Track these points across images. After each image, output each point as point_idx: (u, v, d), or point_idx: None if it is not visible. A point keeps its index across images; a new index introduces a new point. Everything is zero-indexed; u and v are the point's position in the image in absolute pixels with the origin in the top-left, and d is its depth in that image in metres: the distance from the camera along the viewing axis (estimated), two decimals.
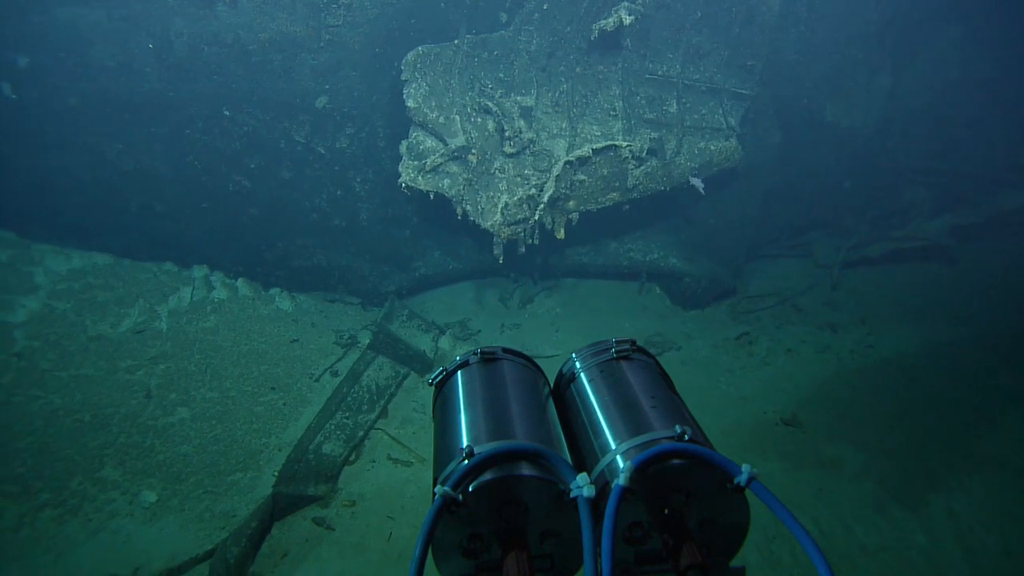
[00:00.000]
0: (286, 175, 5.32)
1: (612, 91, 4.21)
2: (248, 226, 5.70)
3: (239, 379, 5.09)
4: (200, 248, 5.89)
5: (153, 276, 5.62)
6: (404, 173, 3.97)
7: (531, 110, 4.10)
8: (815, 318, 6.31)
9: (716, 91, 4.43)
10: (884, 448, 4.69)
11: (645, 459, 1.11)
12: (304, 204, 5.53)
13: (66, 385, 4.65)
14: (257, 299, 5.81)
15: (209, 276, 5.89)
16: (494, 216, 3.81)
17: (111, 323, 5.03)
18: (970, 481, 4.39)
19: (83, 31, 4.51)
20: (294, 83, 4.68)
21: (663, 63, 4.28)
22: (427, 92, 3.89)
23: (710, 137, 4.35)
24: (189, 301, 5.57)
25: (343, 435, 4.79)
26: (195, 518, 4.25)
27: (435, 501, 1.08)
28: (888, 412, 5.07)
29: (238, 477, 4.54)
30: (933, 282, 6.21)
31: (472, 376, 1.45)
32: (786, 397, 5.33)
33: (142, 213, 5.62)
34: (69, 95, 4.63)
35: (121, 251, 5.78)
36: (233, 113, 4.84)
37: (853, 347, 5.88)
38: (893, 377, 5.47)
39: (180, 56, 4.54)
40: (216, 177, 5.28)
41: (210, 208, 5.54)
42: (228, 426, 4.80)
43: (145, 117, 4.82)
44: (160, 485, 4.41)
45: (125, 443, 4.53)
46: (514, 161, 3.98)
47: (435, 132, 3.95)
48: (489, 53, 4.06)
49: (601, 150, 3.69)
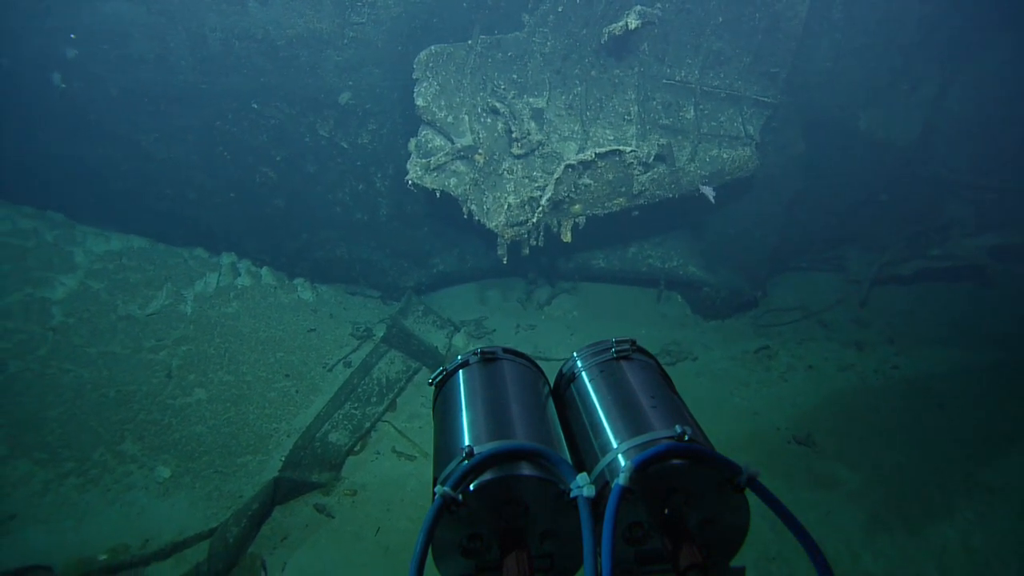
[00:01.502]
0: (311, 168, 5.47)
1: (628, 95, 4.15)
2: (274, 217, 5.88)
3: (255, 364, 5.25)
4: (229, 236, 6.11)
5: (183, 261, 5.85)
6: (411, 171, 4.02)
7: (542, 112, 4.09)
8: (841, 335, 6.09)
9: (736, 98, 4.31)
10: (900, 474, 4.50)
11: (645, 459, 1.11)
12: (327, 197, 5.66)
13: (95, 361, 4.89)
14: (280, 288, 5.98)
15: (236, 263, 6.10)
16: (499, 217, 3.82)
17: (140, 304, 5.27)
18: (988, 512, 4.17)
19: (125, 24, 4.73)
20: (319, 79, 4.80)
21: (681, 68, 4.19)
22: (437, 91, 3.93)
23: (728, 145, 4.24)
24: (215, 286, 5.78)
25: (350, 425, 4.90)
26: (204, 496, 4.42)
27: (435, 501, 1.09)
28: (908, 437, 4.86)
29: (247, 459, 4.69)
30: (968, 303, 5.91)
31: (472, 376, 1.46)
32: (802, 415, 5.17)
33: (176, 200, 5.86)
34: (110, 86, 4.86)
35: (157, 236, 6.05)
36: (261, 107, 5.00)
37: (878, 367, 5.65)
38: (917, 401, 5.24)
39: (213, 50, 4.71)
40: (244, 168, 5.46)
41: (238, 198, 5.73)
42: (241, 409, 4.96)
43: (179, 108, 5.03)
44: (175, 462, 4.59)
45: (145, 419, 4.74)
46: (523, 163, 3.98)
47: (443, 131, 3.99)
48: (503, 54, 4.07)
49: (605, 154, 3.65)
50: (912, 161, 6.19)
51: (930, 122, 6.24)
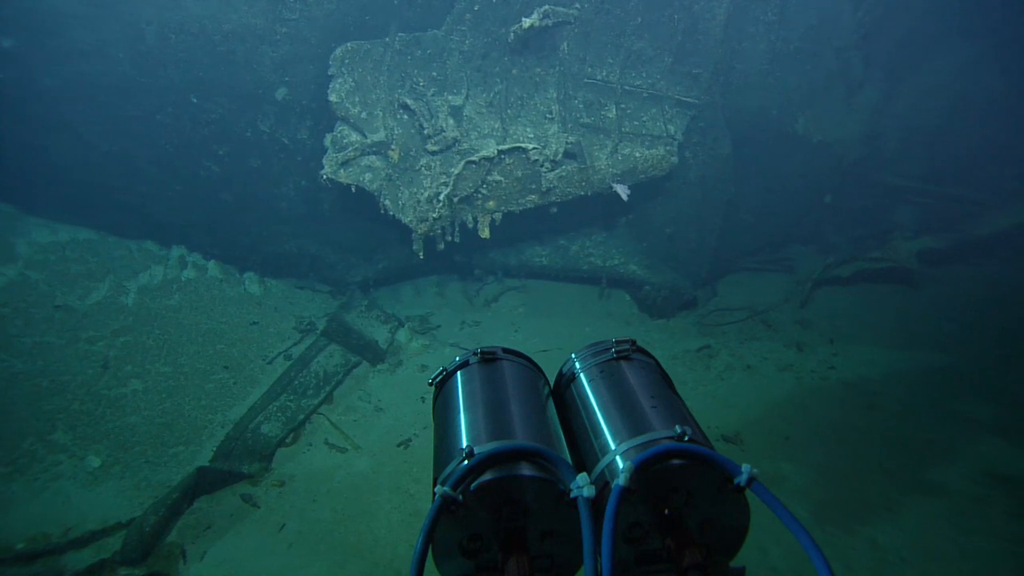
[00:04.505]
0: (255, 163, 5.50)
1: (549, 94, 4.20)
2: (222, 211, 5.91)
3: (195, 356, 5.29)
4: (181, 229, 6.13)
5: (129, 253, 5.88)
6: (327, 166, 4.06)
7: (461, 109, 4.13)
8: (784, 335, 6.16)
9: (658, 98, 4.36)
10: (823, 474, 4.57)
11: (645, 459, 1.11)
12: (273, 192, 5.69)
13: (29, 351, 4.92)
14: (225, 281, 6.01)
15: (186, 257, 6.13)
16: (411, 212, 3.86)
17: (79, 295, 5.29)
18: (903, 512, 4.24)
19: (62, 15, 4.74)
20: (256, 74, 4.83)
21: (603, 67, 4.24)
22: (352, 87, 3.97)
23: (650, 144, 4.29)
24: (161, 279, 5.81)
25: (283, 417, 4.94)
26: (133, 486, 4.46)
27: (435, 501, 1.08)
28: (837, 436, 4.92)
29: (179, 450, 4.73)
30: (901, 306, 5.99)
31: (472, 376, 1.45)
32: (735, 414, 5.23)
33: (126, 193, 5.88)
34: (48, 76, 4.88)
35: (111, 228, 6.07)
36: (200, 101, 5.03)
37: (816, 367, 5.72)
38: (851, 401, 5.31)
39: (150, 43, 4.73)
40: (189, 162, 5.49)
41: (184, 191, 5.76)
42: (177, 400, 5.00)
43: (119, 100, 5.04)
44: (106, 452, 4.63)
45: (78, 410, 4.77)
46: (441, 159, 4.03)
47: (358, 127, 4.03)
48: (423, 51, 4.11)
49: (509, 151, 3.69)
50: (857, 164, 6.26)
51: (877, 127, 6.31)
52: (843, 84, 5.35)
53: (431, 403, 1.52)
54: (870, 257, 5.77)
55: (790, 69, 5.05)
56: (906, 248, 5.53)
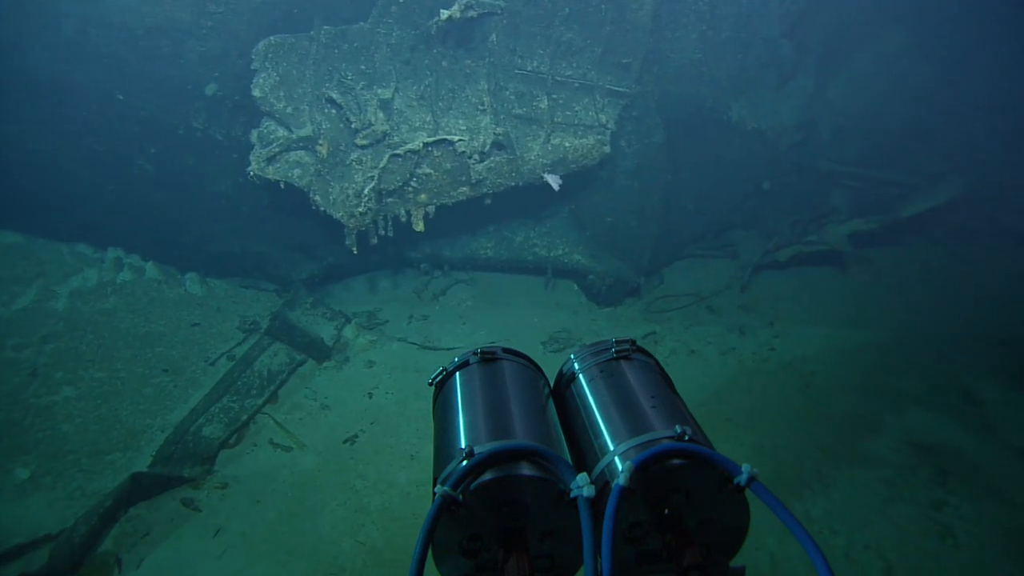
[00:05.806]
0: (190, 161, 5.36)
1: (480, 85, 4.21)
2: (159, 210, 5.74)
3: (131, 360, 5.15)
4: (116, 231, 5.94)
5: (60, 256, 5.67)
6: (253, 162, 4.00)
7: (391, 102, 4.11)
8: (727, 319, 6.32)
9: (590, 88, 4.42)
10: (761, 453, 4.72)
11: (645, 459, 1.11)
12: (210, 190, 5.56)
13: None
14: (165, 282, 5.86)
15: (123, 258, 5.94)
16: (342, 207, 3.84)
17: (3, 301, 5.09)
18: (835, 485, 4.42)
19: None
20: (184, 69, 4.70)
21: (533, 58, 4.28)
22: (276, 82, 3.91)
23: (582, 134, 4.34)
24: (95, 282, 5.62)
25: (226, 418, 4.85)
26: (65, 496, 4.33)
27: (435, 501, 1.08)
28: (775, 416, 5.09)
29: (116, 457, 4.61)
30: (835, 287, 6.22)
31: (471, 376, 1.45)
32: None
33: (54, 193, 5.66)
34: None
35: (40, 231, 5.84)
36: (128, 98, 4.87)
37: (756, 350, 5.89)
38: (789, 381, 5.49)
39: (68, 37, 4.56)
40: (120, 161, 5.32)
41: (118, 191, 5.58)
42: (114, 406, 4.86)
43: (38, 97, 4.85)
44: (36, 462, 4.48)
45: (4, 420, 4.60)
46: (372, 153, 4.01)
47: (283, 122, 3.98)
48: (349, 45, 4.07)
49: (435, 143, 3.70)
50: (792, 150, 6.44)
51: (810, 114, 6.50)
52: (775, 73, 5.50)
53: (382, 400, 1.52)
54: (806, 240, 5.96)
55: (722, 58, 5.16)
56: (838, 231, 5.74)
